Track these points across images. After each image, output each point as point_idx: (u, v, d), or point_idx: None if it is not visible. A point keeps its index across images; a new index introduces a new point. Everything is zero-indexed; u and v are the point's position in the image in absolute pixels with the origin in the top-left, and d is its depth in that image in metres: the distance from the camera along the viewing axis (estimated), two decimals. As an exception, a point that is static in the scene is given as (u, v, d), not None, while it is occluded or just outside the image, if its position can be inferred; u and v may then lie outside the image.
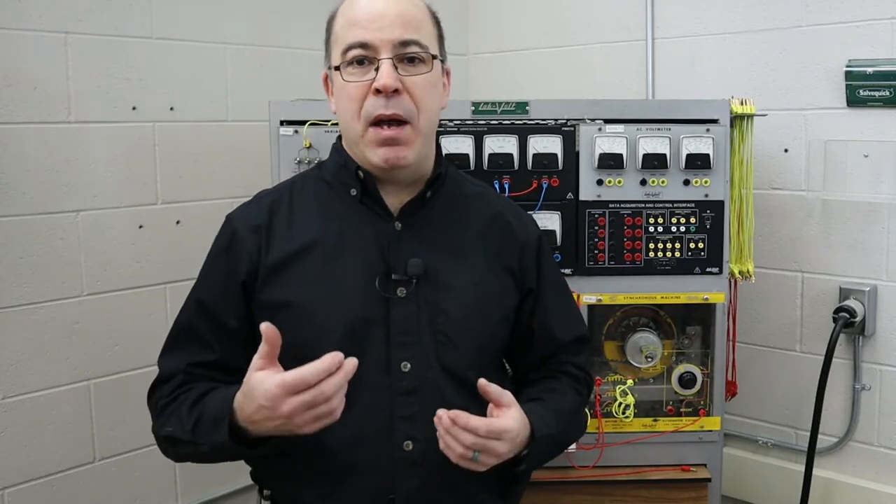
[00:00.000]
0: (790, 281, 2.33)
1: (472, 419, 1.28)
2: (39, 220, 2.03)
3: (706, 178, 1.93)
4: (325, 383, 1.18)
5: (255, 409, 1.22)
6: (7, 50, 1.96)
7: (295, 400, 1.18)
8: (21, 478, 2.03)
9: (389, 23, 1.35)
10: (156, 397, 1.44)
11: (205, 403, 1.34)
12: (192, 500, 2.35)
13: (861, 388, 2.22)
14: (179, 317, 1.48)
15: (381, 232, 1.42)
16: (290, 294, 1.39)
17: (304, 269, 1.40)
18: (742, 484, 2.41)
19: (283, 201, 1.46)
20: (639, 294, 1.96)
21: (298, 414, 1.19)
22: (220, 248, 1.46)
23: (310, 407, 1.19)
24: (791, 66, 2.28)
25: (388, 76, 1.33)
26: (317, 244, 1.41)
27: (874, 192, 2.16)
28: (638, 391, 2.02)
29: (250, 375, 1.23)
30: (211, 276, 1.46)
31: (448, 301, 1.41)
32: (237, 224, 1.45)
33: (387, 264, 1.40)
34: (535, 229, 1.57)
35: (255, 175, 2.10)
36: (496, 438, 1.30)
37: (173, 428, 1.36)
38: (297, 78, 2.47)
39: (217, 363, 1.42)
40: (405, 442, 1.37)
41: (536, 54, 2.79)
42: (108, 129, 2.14)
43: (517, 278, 1.51)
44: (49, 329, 2.06)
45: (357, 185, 1.43)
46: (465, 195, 1.52)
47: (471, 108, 1.94)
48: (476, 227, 1.49)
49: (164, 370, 1.45)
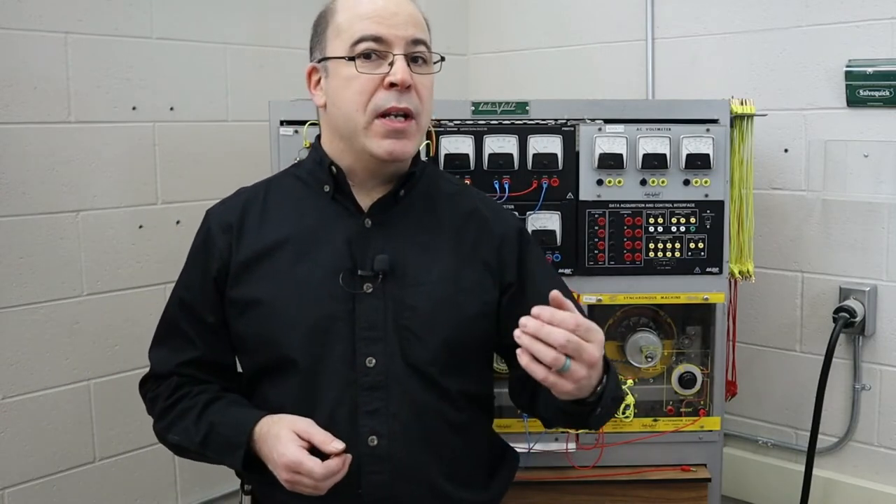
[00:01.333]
0: (790, 281, 2.33)
1: (557, 312, 1.15)
2: (39, 220, 2.03)
3: (706, 178, 1.93)
4: (324, 482, 1.28)
5: (267, 452, 1.34)
6: (7, 50, 1.96)
7: (296, 478, 1.29)
8: (21, 478, 2.03)
9: (403, 21, 1.38)
10: (151, 394, 1.53)
11: (212, 419, 1.42)
12: (192, 500, 2.35)
13: (861, 388, 2.22)
14: (165, 311, 1.55)
15: (350, 228, 1.43)
16: (258, 291, 1.42)
17: (273, 267, 1.43)
18: (742, 484, 2.41)
19: (258, 199, 1.49)
20: (639, 294, 1.96)
21: (290, 484, 1.31)
22: (196, 245, 1.52)
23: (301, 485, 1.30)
24: (791, 66, 2.28)
25: (404, 71, 1.35)
26: (287, 241, 1.43)
27: (874, 192, 2.16)
28: (638, 391, 2.02)
29: (282, 432, 1.32)
30: (189, 272, 1.52)
31: (415, 297, 1.42)
32: (211, 221, 1.50)
33: (354, 260, 1.41)
34: (514, 223, 1.55)
35: (255, 175, 2.08)
36: (585, 339, 1.16)
37: (180, 438, 1.45)
38: (297, 78, 2.43)
39: (202, 360, 1.49)
40: (370, 437, 1.38)
41: (536, 54, 2.79)
42: (108, 129, 2.14)
43: (495, 273, 1.48)
44: (49, 329, 2.06)
45: (330, 182, 1.44)
46: (442, 194, 1.53)
47: (471, 108, 1.93)
48: (450, 223, 1.49)
49: (155, 366, 1.53)
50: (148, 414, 1.54)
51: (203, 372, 1.49)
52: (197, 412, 1.43)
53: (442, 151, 1.88)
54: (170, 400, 1.47)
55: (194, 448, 1.43)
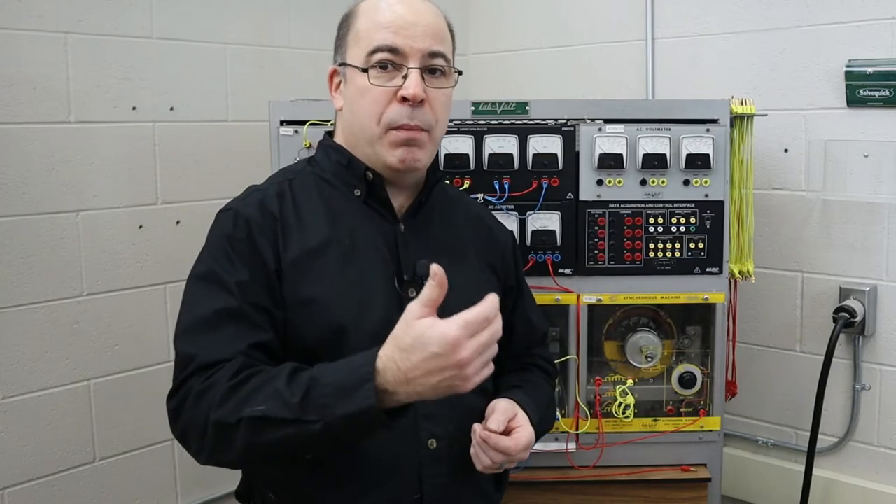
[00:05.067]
0: (790, 281, 2.33)
1: (501, 441, 1.37)
2: (39, 220, 2.03)
3: (706, 178, 1.93)
4: (495, 322, 1.15)
5: (422, 359, 1.13)
6: (7, 50, 1.96)
7: (475, 342, 1.12)
8: (21, 478, 2.03)
9: (421, 32, 1.36)
10: (199, 386, 1.25)
11: (311, 375, 1.21)
12: (192, 500, 2.35)
13: (861, 388, 2.22)
14: (203, 301, 1.33)
15: (387, 233, 1.43)
16: (311, 291, 1.36)
17: (324, 267, 1.39)
18: (742, 484, 2.41)
19: (286, 195, 1.42)
20: (639, 294, 1.96)
21: (475, 358, 1.13)
22: (235, 237, 1.36)
23: (484, 350, 1.14)
24: (791, 66, 2.28)
25: (416, 85, 1.34)
26: (332, 242, 1.40)
27: (874, 192, 2.16)
28: (638, 391, 2.02)
29: (411, 324, 1.14)
30: (233, 261, 1.35)
31: (452, 301, 1.40)
32: (248, 211, 1.38)
33: (397, 265, 1.41)
34: (509, 232, 1.68)
35: (255, 175, 2.08)
36: (524, 450, 1.40)
37: (267, 406, 1.18)
38: (297, 78, 2.47)
39: (269, 345, 1.32)
40: (429, 440, 1.39)
41: (536, 54, 2.79)
42: (108, 129, 2.14)
43: (500, 277, 1.57)
44: (49, 329, 2.06)
45: (362, 186, 1.43)
46: (449, 198, 1.57)
47: (471, 108, 1.94)
48: (465, 228, 1.55)
49: (205, 356, 1.27)
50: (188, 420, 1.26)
51: (269, 359, 1.31)
52: (286, 375, 1.22)
53: (442, 151, 1.88)
54: (236, 378, 1.23)
55: (290, 413, 1.17)
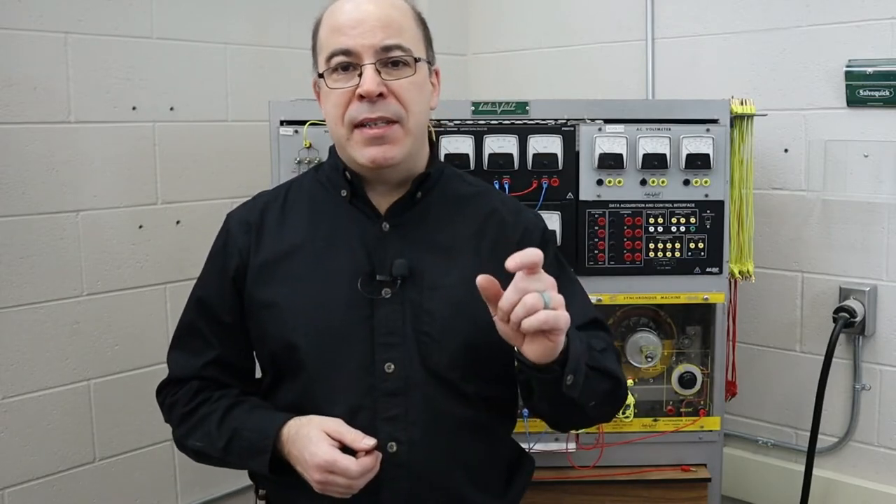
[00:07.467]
0: (790, 281, 2.33)
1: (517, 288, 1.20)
2: (39, 220, 2.03)
3: (706, 178, 1.93)
4: (359, 480, 1.28)
5: (297, 454, 1.32)
6: (7, 50, 1.96)
7: (329, 478, 1.28)
8: (21, 478, 2.03)
9: (370, 28, 1.36)
10: (169, 399, 1.50)
11: (235, 424, 1.40)
12: (192, 500, 2.35)
13: (861, 388, 2.22)
14: (183, 315, 1.53)
15: (368, 232, 1.43)
16: (275, 294, 1.41)
17: (291, 270, 1.42)
18: (742, 484, 2.41)
19: (278, 202, 1.49)
20: (639, 294, 1.96)
21: (322, 485, 1.29)
22: (217, 247, 1.51)
23: (335, 486, 1.29)
24: (791, 66, 2.28)
25: (370, 82, 1.34)
26: (305, 245, 1.43)
27: (874, 192, 2.16)
28: (638, 391, 2.02)
29: (312, 432, 1.31)
30: (209, 273, 1.51)
31: (433, 301, 1.40)
32: (231, 223, 1.50)
33: (372, 265, 1.40)
34: (536, 223, 1.52)
35: (255, 175, 2.10)
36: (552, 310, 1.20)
37: (203, 444, 1.43)
38: (297, 78, 2.45)
39: (221, 360, 1.48)
40: (389, 443, 1.37)
41: (536, 54, 2.79)
42: (108, 129, 2.14)
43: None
44: (49, 329, 2.06)
45: (346, 187, 1.45)
46: (461, 196, 1.51)
47: (471, 108, 1.94)
48: (469, 226, 1.47)
49: (174, 371, 1.51)
50: (165, 421, 1.52)
51: (224, 374, 1.48)
52: (219, 417, 1.42)
53: (442, 151, 1.88)
54: (189, 405, 1.45)
55: (217, 454, 1.41)
